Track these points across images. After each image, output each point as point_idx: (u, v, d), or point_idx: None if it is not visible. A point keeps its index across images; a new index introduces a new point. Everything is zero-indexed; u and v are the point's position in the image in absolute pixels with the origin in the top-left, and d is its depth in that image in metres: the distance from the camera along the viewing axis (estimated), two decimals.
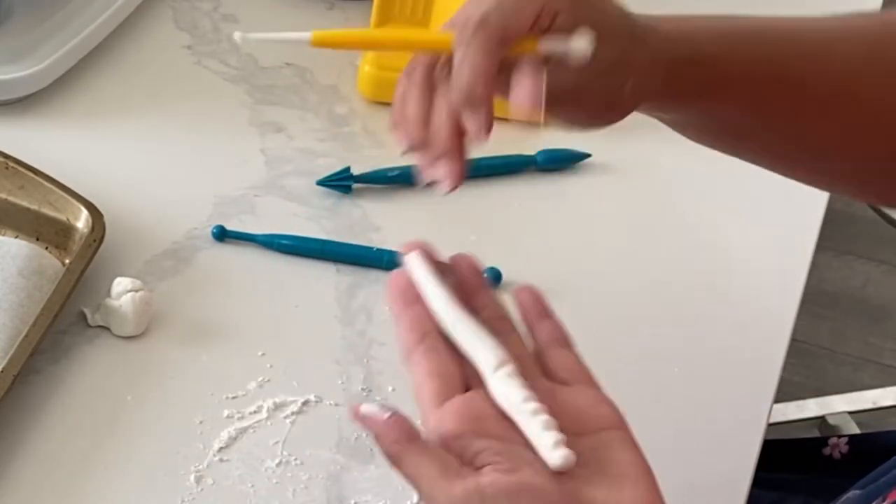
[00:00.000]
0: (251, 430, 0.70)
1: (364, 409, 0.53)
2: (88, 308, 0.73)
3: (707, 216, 0.89)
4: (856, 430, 1.54)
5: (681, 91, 0.63)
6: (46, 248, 0.76)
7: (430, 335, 0.56)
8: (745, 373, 0.79)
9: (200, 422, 0.69)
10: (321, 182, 0.85)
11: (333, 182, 0.85)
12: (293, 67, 0.95)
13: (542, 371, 0.57)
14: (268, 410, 0.71)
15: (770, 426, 0.76)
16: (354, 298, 0.78)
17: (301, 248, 0.80)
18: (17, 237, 0.76)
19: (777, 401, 0.78)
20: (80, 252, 0.73)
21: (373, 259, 0.80)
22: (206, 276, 0.78)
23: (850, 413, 1.59)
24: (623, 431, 0.54)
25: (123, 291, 0.72)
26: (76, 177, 0.78)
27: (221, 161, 0.87)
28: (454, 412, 0.53)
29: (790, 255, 0.86)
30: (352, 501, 0.67)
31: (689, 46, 0.62)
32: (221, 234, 0.80)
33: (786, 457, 0.95)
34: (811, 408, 1.59)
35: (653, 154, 0.93)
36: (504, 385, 0.54)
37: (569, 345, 0.58)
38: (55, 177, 0.77)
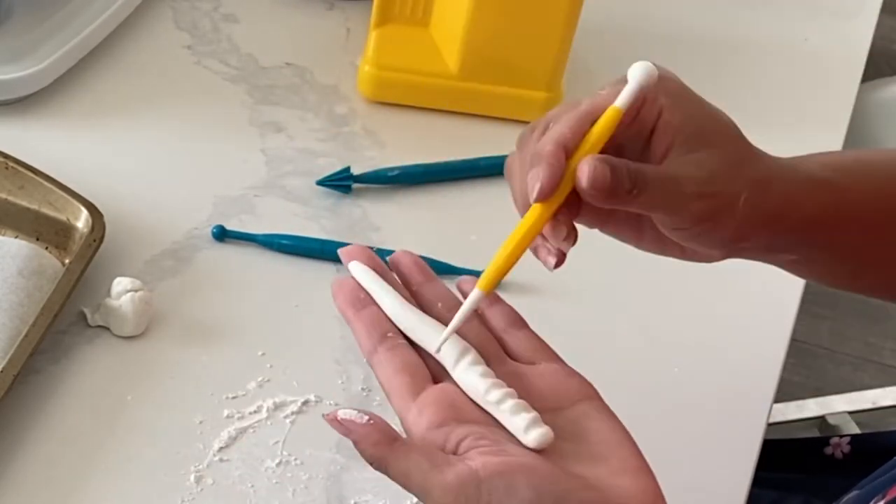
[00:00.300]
0: (251, 430, 0.70)
1: (341, 415, 0.53)
2: (88, 308, 0.73)
3: None
4: (856, 430, 1.54)
5: (800, 217, 0.60)
6: (46, 248, 0.76)
7: (390, 334, 0.56)
8: (745, 373, 0.78)
9: (200, 422, 0.69)
10: (321, 182, 0.85)
11: (333, 182, 0.85)
12: (293, 67, 0.95)
13: (506, 353, 0.57)
14: (268, 410, 0.71)
15: (770, 426, 0.76)
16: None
17: (301, 248, 0.80)
18: (17, 237, 0.76)
19: (777, 401, 0.78)
20: (80, 252, 0.73)
21: None
22: (206, 276, 0.78)
23: (850, 413, 1.58)
24: (597, 401, 0.55)
25: (123, 291, 0.72)
26: (76, 177, 0.78)
27: (221, 161, 0.87)
28: (432, 402, 0.53)
29: None
30: (352, 501, 0.67)
31: (807, 169, 0.61)
32: (221, 234, 0.80)
33: (787, 456, 0.95)
34: (811, 408, 1.59)
35: None
36: (467, 376, 0.54)
37: (525, 326, 0.59)
38: (55, 177, 0.77)
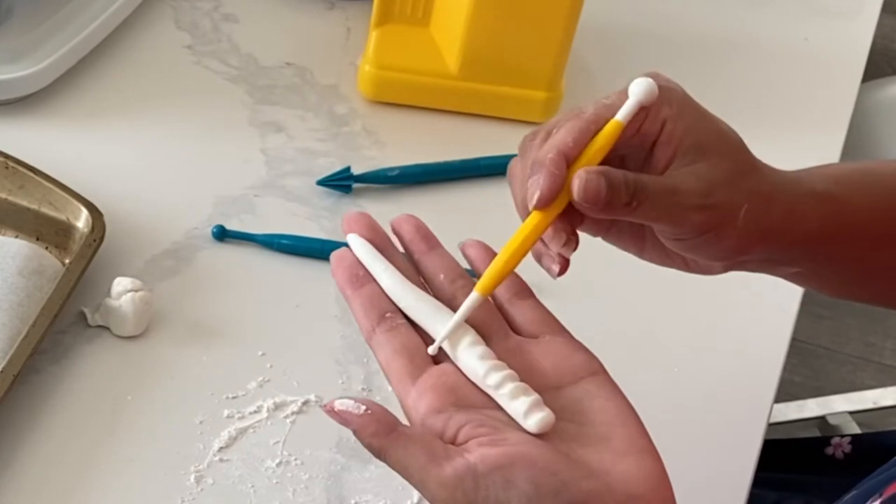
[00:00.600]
0: (251, 430, 0.70)
1: (339, 405, 0.52)
2: (88, 308, 0.73)
3: None
4: (856, 430, 1.54)
5: (802, 230, 0.60)
6: (46, 248, 0.76)
7: (389, 313, 0.55)
8: (745, 373, 0.78)
9: (200, 422, 0.69)
10: (321, 182, 0.85)
11: (333, 182, 0.85)
12: (293, 67, 0.95)
13: (509, 326, 0.56)
14: (268, 410, 0.71)
15: (770, 426, 0.76)
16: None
17: (301, 248, 0.80)
18: (17, 237, 0.76)
19: (777, 401, 0.78)
20: (80, 252, 0.73)
21: None
22: (206, 276, 0.78)
23: (851, 413, 1.58)
24: (602, 376, 0.54)
25: (123, 291, 0.72)
26: (76, 177, 0.78)
27: (221, 161, 0.87)
28: (430, 387, 0.53)
29: None
30: (352, 501, 0.67)
31: (810, 182, 0.61)
32: (221, 234, 0.80)
33: (788, 456, 0.96)
34: (811, 408, 1.59)
35: None
36: (466, 358, 0.53)
37: (531, 295, 0.58)
38: (55, 177, 0.77)
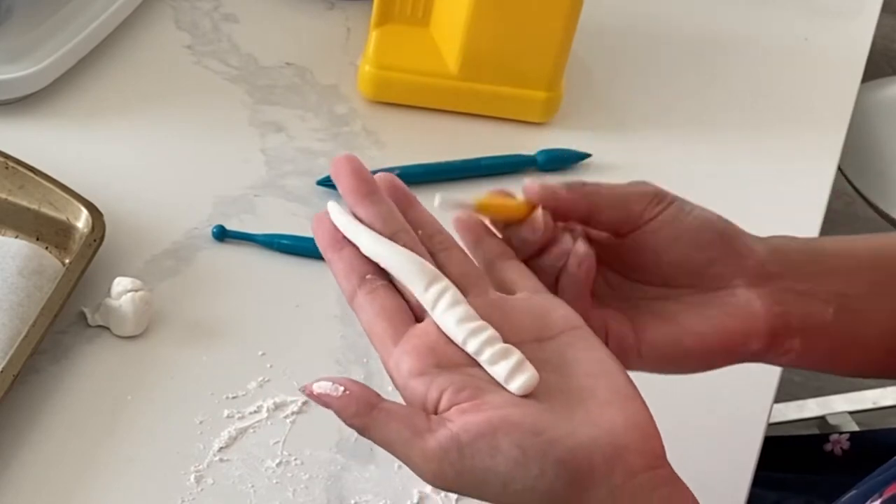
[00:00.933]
0: (251, 430, 0.70)
1: (317, 388, 0.52)
2: (88, 308, 0.73)
3: None
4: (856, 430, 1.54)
5: (806, 286, 0.61)
6: (46, 248, 0.76)
7: (369, 275, 0.55)
8: (745, 373, 0.78)
9: (200, 422, 0.69)
10: (321, 182, 0.85)
11: (333, 182, 0.84)
12: (293, 67, 0.95)
13: (493, 283, 0.56)
14: (268, 410, 0.71)
15: (770, 426, 0.76)
16: None
17: (301, 248, 0.80)
18: (17, 237, 0.76)
19: (777, 401, 0.78)
20: (80, 252, 0.73)
21: None
22: (206, 276, 0.78)
23: (851, 413, 1.58)
24: (583, 329, 0.54)
25: (123, 291, 0.72)
26: (76, 177, 0.78)
27: (221, 161, 0.87)
28: (410, 350, 0.52)
29: None
30: (352, 501, 0.67)
31: (806, 243, 0.63)
32: (221, 234, 0.80)
33: (787, 454, 0.95)
34: (811, 408, 1.59)
35: (652, 154, 0.93)
36: (445, 320, 0.53)
37: (514, 257, 0.58)
38: (55, 177, 0.77)
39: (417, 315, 0.54)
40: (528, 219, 0.58)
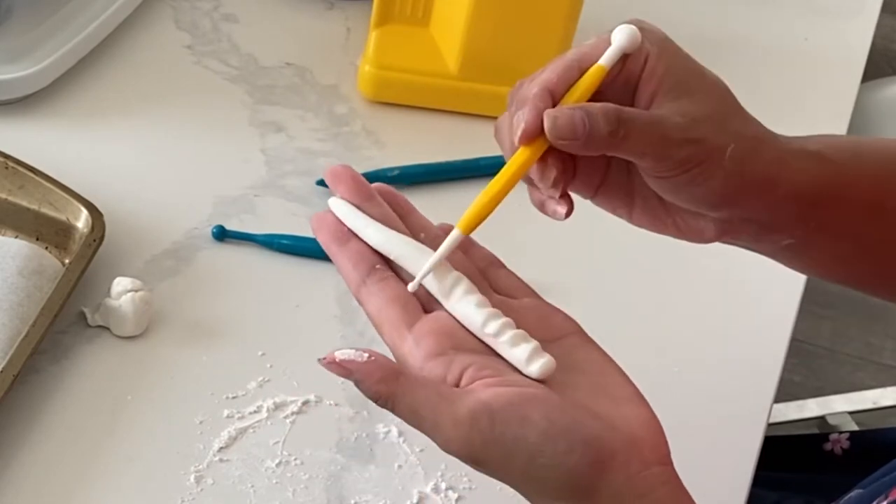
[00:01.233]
0: (251, 430, 0.70)
1: (340, 355, 0.51)
2: (88, 308, 0.73)
3: None
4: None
5: (792, 187, 0.59)
6: (46, 248, 0.75)
7: (378, 265, 0.55)
8: (745, 373, 0.78)
9: (200, 422, 0.69)
10: (321, 182, 0.85)
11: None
12: (293, 67, 0.95)
13: (490, 287, 0.57)
14: (268, 410, 0.71)
15: (770, 426, 0.76)
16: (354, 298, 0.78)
17: (301, 248, 0.80)
18: (17, 237, 0.76)
19: (777, 401, 0.78)
20: (80, 252, 0.73)
21: None
22: (206, 276, 0.78)
23: (850, 413, 1.58)
24: (582, 335, 0.55)
25: (123, 291, 0.72)
26: (76, 177, 0.78)
27: (221, 161, 0.87)
28: (428, 331, 0.52)
29: None
30: (352, 501, 0.67)
31: (799, 141, 0.61)
32: (221, 234, 0.80)
33: (786, 454, 0.95)
34: (811, 408, 1.59)
35: None
36: (462, 307, 0.53)
37: (504, 266, 0.59)
38: (55, 177, 0.77)
39: (426, 307, 0.54)
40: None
